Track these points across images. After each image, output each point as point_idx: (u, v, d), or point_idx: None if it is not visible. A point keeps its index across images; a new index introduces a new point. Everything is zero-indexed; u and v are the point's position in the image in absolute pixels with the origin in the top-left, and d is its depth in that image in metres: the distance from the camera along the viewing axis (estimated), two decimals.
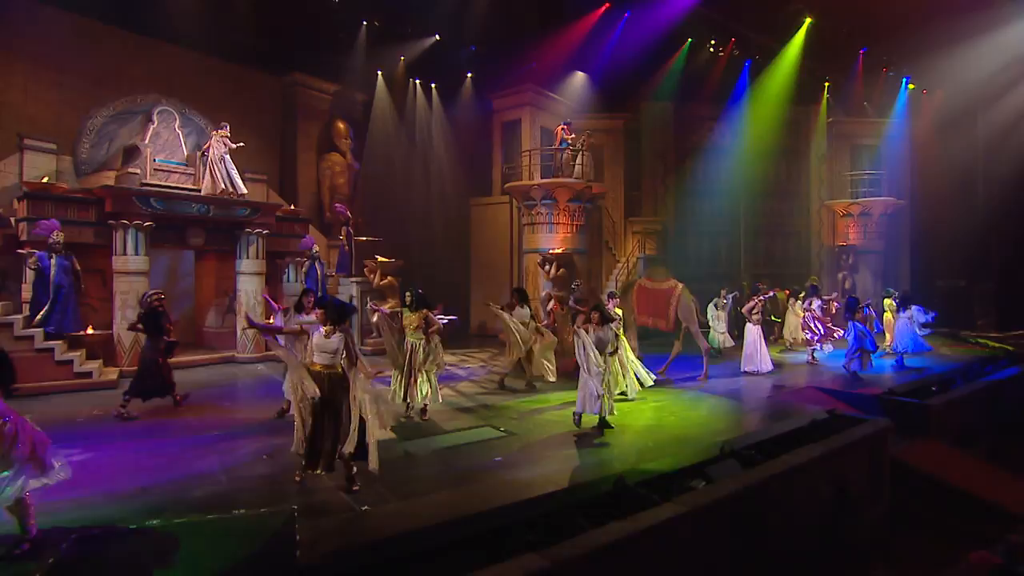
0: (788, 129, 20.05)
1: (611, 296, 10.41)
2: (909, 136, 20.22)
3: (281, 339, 5.89)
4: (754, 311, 11.07)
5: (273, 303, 8.39)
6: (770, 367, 11.00)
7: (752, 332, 10.99)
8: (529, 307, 9.70)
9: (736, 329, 13.09)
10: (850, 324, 10.61)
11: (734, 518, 5.06)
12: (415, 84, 18.21)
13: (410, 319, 7.32)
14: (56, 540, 3.90)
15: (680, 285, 11.35)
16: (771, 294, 12.47)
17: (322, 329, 4.98)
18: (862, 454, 7.02)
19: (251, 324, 6.85)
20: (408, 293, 7.46)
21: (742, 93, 19.61)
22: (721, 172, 20.19)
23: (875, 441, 7.16)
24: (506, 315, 9.30)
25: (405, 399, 7.29)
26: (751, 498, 5.21)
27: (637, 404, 8.38)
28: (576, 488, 5.02)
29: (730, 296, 13.02)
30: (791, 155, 20.48)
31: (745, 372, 10.89)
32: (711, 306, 12.89)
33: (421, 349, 7.31)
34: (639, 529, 4.22)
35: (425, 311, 7.35)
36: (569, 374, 8.73)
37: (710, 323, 12.82)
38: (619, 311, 10.06)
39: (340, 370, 4.92)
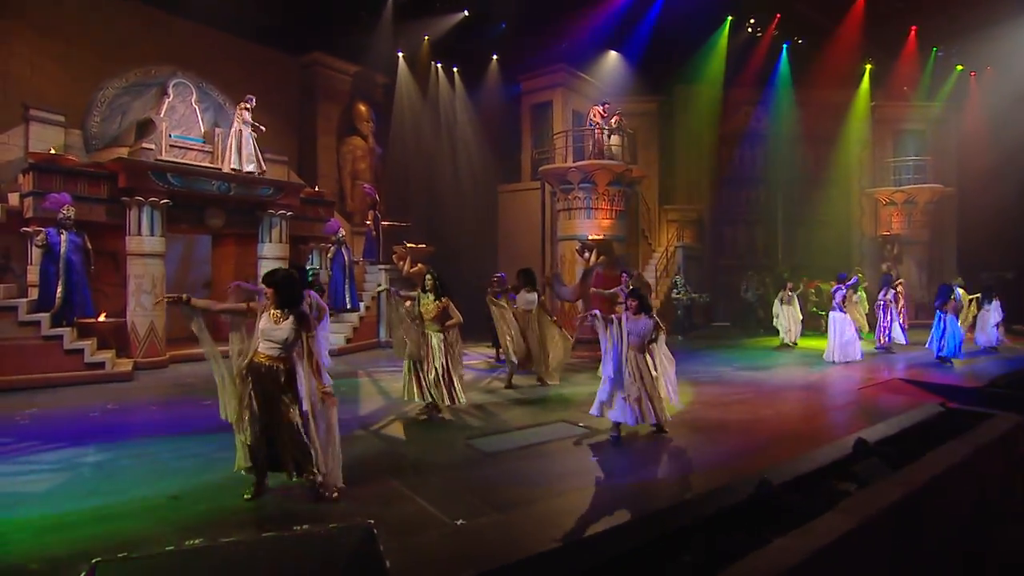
0: (828, 114, 19.06)
1: (627, 274, 9.48)
2: (956, 121, 19.21)
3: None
4: (846, 300, 10.29)
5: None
6: (848, 358, 10.29)
7: (839, 321, 10.15)
8: (537, 292, 8.53)
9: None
10: (938, 315, 9.73)
11: (897, 524, 4.17)
12: (437, 68, 17.29)
13: (428, 307, 6.19)
14: (72, 566, 2.98)
15: (635, 272, 12.08)
16: (855, 279, 11.58)
17: (270, 312, 3.88)
18: (995, 453, 6.11)
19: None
20: (429, 276, 6.32)
21: (781, 76, 18.68)
22: (758, 159, 19.33)
23: (1007, 439, 6.24)
24: (497, 308, 8.11)
25: (420, 397, 6.13)
26: (913, 502, 4.31)
27: (704, 397, 7.43)
28: (706, 495, 4.07)
29: (795, 293, 12.33)
30: (830, 141, 19.45)
31: (834, 362, 10.26)
32: (776, 300, 12.28)
33: (436, 343, 6.18)
34: (820, 546, 3.28)
35: (446, 299, 6.25)
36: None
37: (775, 318, 12.46)
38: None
39: (288, 364, 3.86)
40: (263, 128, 11.03)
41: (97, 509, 3.71)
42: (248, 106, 10.76)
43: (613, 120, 14.14)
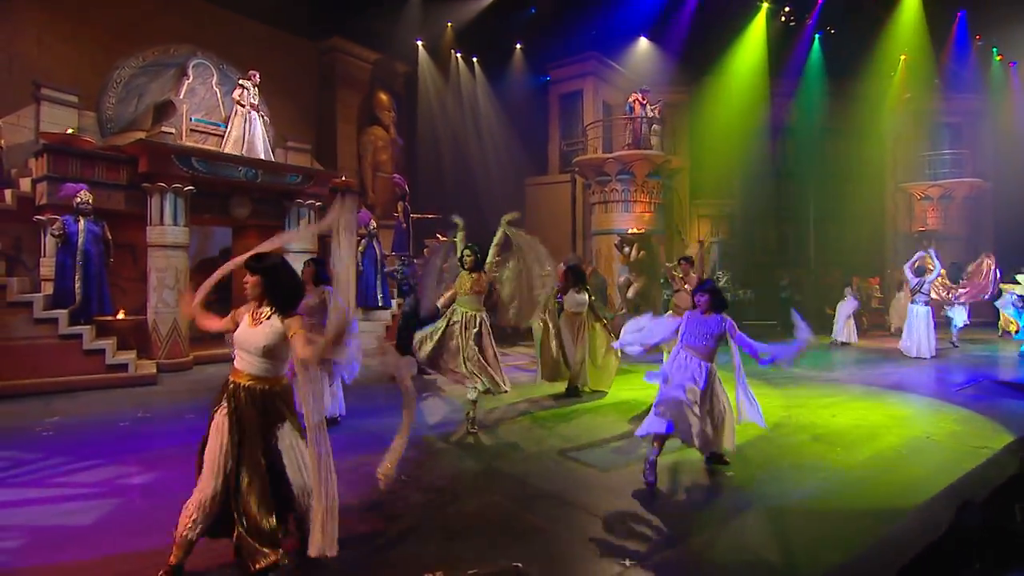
0: (860, 106, 18.42)
1: (687, 261, 8.15)
2: (994, 112, 18.58)
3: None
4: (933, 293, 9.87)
5: None
6: (932, 353, 9.90)
7: (918, 314, 9.58)
8: (588, 292, 7.34)
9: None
10: None
11: None
12: (457, 57, 16.56)
13: (463, 280, 5.35)
14: None
15: (592, 267, 12.02)
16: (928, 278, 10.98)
17: (249, 315, 2.78)
18: None
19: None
20: (467, 249, 5.37)
21: (812, 67, 18.05)
22: (789, 152, 18.69)
23: None
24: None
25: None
26: None
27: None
28: (901, 522, 3.35)
29: (854, 297, 11.85)
30: (863, 134, 18.79)
31: (912, 357, 9.89)
32: (845, 296, 11.83)
33: (473, 326, 5.26)
34: None
35: (485, 271, 5.38)
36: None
37: (836, 315, 12.02)
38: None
39: (279, 387, 2.78)
40: (256, 101, 10.26)
41: (165, 550, 2.94)
42: (250, 82, 10.02)
43: (656, 110, 13.45)
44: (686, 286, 6.72)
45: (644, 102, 13.43)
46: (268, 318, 2.71)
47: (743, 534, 3.22)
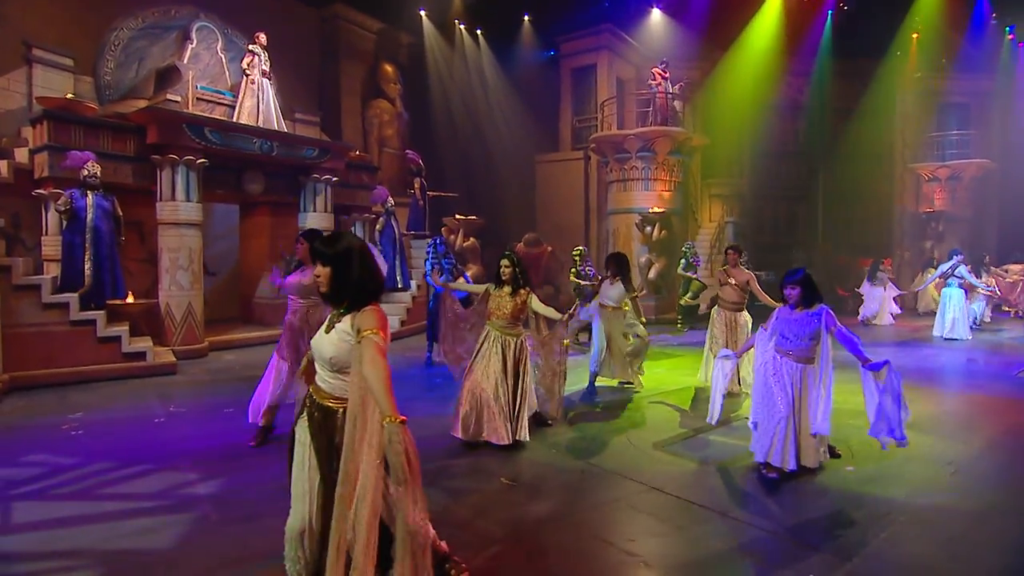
0: (870, 85, 18.16)
1: (735, 251, 6.66)
2: (1003, 93, 18.47)
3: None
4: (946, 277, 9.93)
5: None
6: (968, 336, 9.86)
7: (951, 296, 9.54)
8: (628, 284, 6.13)
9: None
10: None
11: None
12: (461, 29, 15.81)
13: (502, 301, 4.37)
14: None
15: (549, 249, 13.28)
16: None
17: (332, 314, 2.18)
18: None
19: None
20: (506, 260, 4.43)
21: (824, 45, 17.70)
22: (799, 131, 18.43)
23: None
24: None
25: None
26: None
27: None
28: None
29: (883, 274, 11.59)
30: (872, 113, 18.57)
31: (947, 339, 9.78)
32: (866, 280, 11.58)
33: (513, 352, 4.35)
34: None
35: (528, 290, 4.42)
36: None
37: (864, 297, 11.77)
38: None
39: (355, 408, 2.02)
40: (267, 68, 9.63)
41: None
42: (259, 46, 9.39)
43: (679, 87, 13.00)
44: (731, 280, 6.16)
45: (666, 76, 12.94)
46: (339, 321, 2.10)
47: (920, 544, 2.87)
